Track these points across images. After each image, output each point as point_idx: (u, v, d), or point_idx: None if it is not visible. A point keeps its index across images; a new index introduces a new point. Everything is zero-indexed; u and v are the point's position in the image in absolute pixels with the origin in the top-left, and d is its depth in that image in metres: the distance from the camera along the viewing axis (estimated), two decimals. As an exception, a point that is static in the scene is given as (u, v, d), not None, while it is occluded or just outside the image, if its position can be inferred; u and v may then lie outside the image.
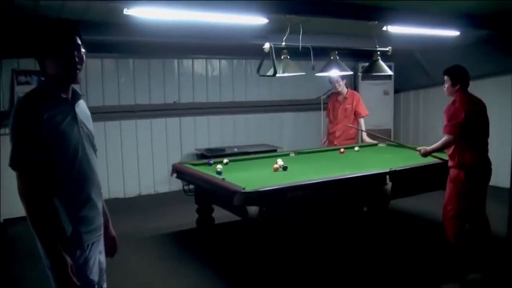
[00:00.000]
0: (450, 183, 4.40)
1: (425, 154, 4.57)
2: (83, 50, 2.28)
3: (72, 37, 2.25)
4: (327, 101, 7.39)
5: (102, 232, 2.46)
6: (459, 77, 4.36)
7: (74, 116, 2.29)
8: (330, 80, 6.86)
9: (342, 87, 6.84)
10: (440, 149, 4.43)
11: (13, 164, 2.11)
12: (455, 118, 4.22)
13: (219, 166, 4.80)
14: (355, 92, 7.15)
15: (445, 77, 4.44)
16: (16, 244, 5.36)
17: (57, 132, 2.17)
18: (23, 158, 2.11)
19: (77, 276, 2.19)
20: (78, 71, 2.26)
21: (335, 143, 6.81)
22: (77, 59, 2.24)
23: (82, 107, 2.41)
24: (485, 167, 4.33)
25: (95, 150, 2.45)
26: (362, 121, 6.89)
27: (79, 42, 2.27)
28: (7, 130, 2.60)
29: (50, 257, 2.13)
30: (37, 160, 2.12)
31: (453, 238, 4.36)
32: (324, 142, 7.15)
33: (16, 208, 3.13)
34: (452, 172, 4.36)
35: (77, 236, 2.23)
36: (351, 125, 6.65)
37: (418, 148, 4.66)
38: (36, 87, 2.30)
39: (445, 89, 4.46)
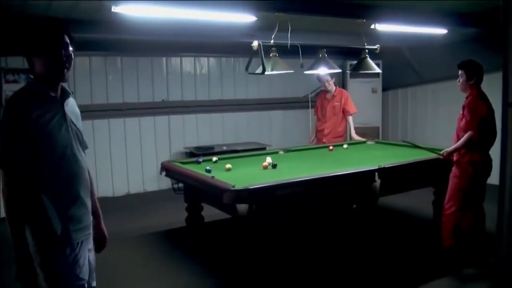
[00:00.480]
0: (454, 178, 4.41)
1: (448, 155, 4.48)
2: (71, 48, 2.28)
3: (60, 36, 2.25)
4: (315, 99, 7.44)
5: (91, 230, 2.46)
6: (475, 72, 4.28)
7: (63, 115, 2.29)
8: (319, 79, 6.90)
9: (331, 86, 6.90)
10: (462, 148, 4.30)
11: (4, 161, 2.13)
12: (478, 114, 4.16)
13: (228, 166, 4.81)
14: (344, 90, 7.22)
15: (460, 72, 4.35)
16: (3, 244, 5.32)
17: (45, 131, 2.18)
18: (9, 157, 2.12)
19: (68, 275, 2.23)
20: (66, 70, 2.27)
21: (324, 141, 6.84)
22: (64, 58, 2.24)
23: (71, 105, 2.40)
24: (489, 163, 4.35)
25: (84, 147, 2.46)
26: (350, 118, 6.99)
27: (67, 40, 2.27)
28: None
29: (16, 261, 2.19)
30: (23, 159, 2.13)
31: (449, 235, 4.39)
32: (313, 140, 7.19)
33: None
34: (459, 167, 4.36)
35: (66, 234, 2.23)
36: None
37: (441, 153, 4.62)
38: (25, 86, 2.30)
39: (458, 83, 4.39)
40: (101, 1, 4.24)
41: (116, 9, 3.91)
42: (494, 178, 4.78)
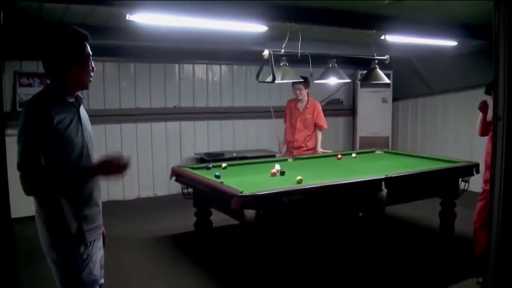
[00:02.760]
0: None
1: None
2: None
3: (87, 46, 2.42)
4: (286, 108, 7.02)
5: (102, 230, 2.59)
6: None
7: (79, 119, 2.41)
8: (292, 85, 6.56)
9: (304, 96, 6.63)
10: None
11: (22, 166, 2.21)
12: None
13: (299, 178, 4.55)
14: (316, 103, 6.86)
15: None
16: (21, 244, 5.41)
17: (65, 135, 2.28)
18: (33, 160, 2.20)
19: (81, 271, 2.36)
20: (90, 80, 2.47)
21: (294, 154, 6.57)
22: (91, 68, 2.44)
23: (83, 110, 2.52)
24: None
25: (93, 148, 2.57)
26: (320, 134, 6.77)
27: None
28: (8, 131, 2.68)
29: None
30: (44, 161, 2.21)
31: (481, 248, 4.37)
32: (282, 147, 7.15)
33: (22, 208, 3.18)
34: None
35: (80, 233, 2.35)
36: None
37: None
38: (43, 90, 2.38)
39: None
40: (116, 9, 4.34)
41: (131, 17, 4.01)
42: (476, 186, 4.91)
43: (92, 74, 2.45)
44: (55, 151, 2.25)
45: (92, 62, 2.44)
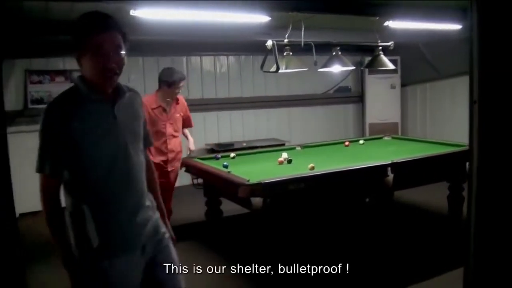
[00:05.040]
0: None
1: None
2: (123, 52, 2.13)
3: (109, 35, 2.08)
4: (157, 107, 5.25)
5: (141, 246, 2.21)
6: None
7: (113, 119, 2.10)
8: (174, 82, 5.14)
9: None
10: None
11: (37, 168, 2.06)
12: None
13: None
14: (181, 96, 5.52)
15: None
16: (29, 239, 5.56)
17: (87, 139, 2.03)
18: (39, 166, 2.04)
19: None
20: (114, 75, 2.10)
21: (168, 169, 5.32)
22: (112, 61, 2.07)
23: (126, 104, 2.19)
24: None
25: (146, 145, 2.34)
26: (188, 131, 5.79)
27: (119, 42, 2.12)
28: (21, 128, 2.74)
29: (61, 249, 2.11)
30: (61, 166, 2.05)
31: None
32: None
33: (30, 203, 3.24)
34: None
35: (104, 248, 2.08)
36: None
37: None
38: (69, 88, 2.13)
39: None
40: (119, 2, 4.39)
41: (135, 12, 4.08)
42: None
43: (118, 69, 2.07)
44: (76, 156, 2.03)
45: (119, 54, 2.06)
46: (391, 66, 5.55)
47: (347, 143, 6.24)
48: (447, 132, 8.56)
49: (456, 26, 6.10)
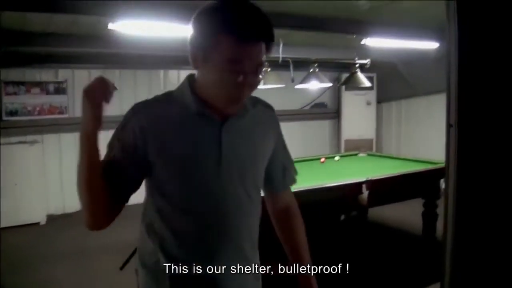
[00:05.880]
0: None
1: None
2: (264, 58, 1.52)
3: (248, 36, 1.45)
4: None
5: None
6: None
7: (217, 146, 1.52)
8: None
9: None
10: None
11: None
12: None
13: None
14: None
15: None
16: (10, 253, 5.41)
17: (169, 159, 1.49)
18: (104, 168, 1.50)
19: None
20: (246, 90, 1.52)
21: None
22: (242, 72, 1.46)
23: (247, 125, 1.61)
24: None
25: (252, 190, 1.66)
26: None
27: (261, 47, 1.48)
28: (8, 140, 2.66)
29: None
30: (129, 178, 1.55)
31: None
32: None
33: (13, 217, 3.15)
34: None
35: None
36: None
37: None
38: (169, 92, 1.62)
39: None
40: (97, 16, 4.35)
41: (112, 26, 4.04)
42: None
43: (252, 82, 1.47)
44: (154, 174, 1.52)
45: (254, 66, 1.44)
46: (367, 84, 5.61)
47: (322, 159, 6.24)
48: (422, 149, 8.64)
49: (433, 45, 6.20)
